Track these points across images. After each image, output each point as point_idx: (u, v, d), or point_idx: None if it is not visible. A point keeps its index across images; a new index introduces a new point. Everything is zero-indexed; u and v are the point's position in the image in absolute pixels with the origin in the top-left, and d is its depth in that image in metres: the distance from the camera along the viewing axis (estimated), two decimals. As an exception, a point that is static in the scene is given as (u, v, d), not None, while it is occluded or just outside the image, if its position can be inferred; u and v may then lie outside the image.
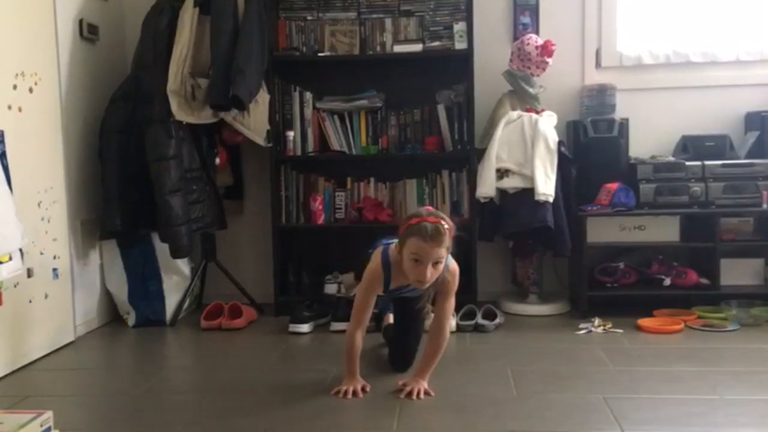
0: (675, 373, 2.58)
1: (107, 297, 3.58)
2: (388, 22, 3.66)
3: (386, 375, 2.60)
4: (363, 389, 2.43)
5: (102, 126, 3.41)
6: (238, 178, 3.88)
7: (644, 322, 3.21)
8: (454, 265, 2.44)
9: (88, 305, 3.43)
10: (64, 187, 3.17)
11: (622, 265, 3.55)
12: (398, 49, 3.61)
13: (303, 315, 3.29)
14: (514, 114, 3.48)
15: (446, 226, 2.29)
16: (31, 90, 2.93)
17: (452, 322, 3.22)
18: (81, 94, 3.39)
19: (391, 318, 3.08)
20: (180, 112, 3.26)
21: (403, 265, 2.34)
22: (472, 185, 3.51)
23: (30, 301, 2.89)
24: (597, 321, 3.26)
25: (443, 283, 2.42)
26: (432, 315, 2.51)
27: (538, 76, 3.53)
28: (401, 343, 2.70)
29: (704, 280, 3.43)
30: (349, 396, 2.38)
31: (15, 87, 2.82)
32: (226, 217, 3.72)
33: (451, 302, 2.47)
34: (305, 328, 3.27)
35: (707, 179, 3.42)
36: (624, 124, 3.56)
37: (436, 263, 2.29)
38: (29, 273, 2.87)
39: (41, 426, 1.97)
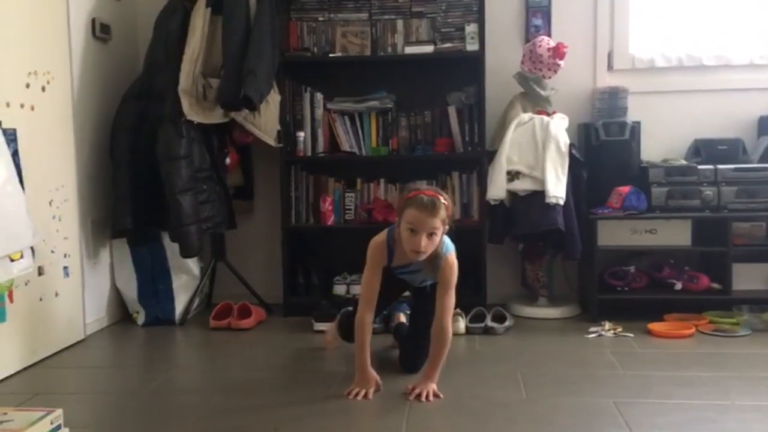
0: (686, 377, 2.56)
1: (117, 296, 3.59)
2: (400, 23, 3.65)
3: (396, 376, 2.60)
4: (377, 386, 2.44)
5: (113, 125, 3.43)
6: (248, 179, 3.88)
7: (655, 326, 3.19)
8: (452, 257, 2.49)
9: (98, 304, 3.44)
10: (75, 186, 3.19)
11: (632, 268, 3.53)
12: (409, 50, 3.61)
13: (329, 313, 3.30)
14: (526, 116, 3.47)
15: (443, 201, 2.36)
16: (43, 89, 2.94)
17: (461, 324, 3.22)
18: (93, 94, 3.41)
19: (402, 317, 3.08)
20: (191, 112, 3.27)
21: (401, 239, 2.40)
22: (483, 187, 3.50)
23: (40, 299, 2.91)
24: (607, 325, 3.24)
25: (440, 270, 2.46)
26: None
27: (549, 78, 3.52)
28: (413, 345, 2.69)
29: (716, 285, 3.40)
30: (360, 398, 2.38)
31: (28, 86, 2.84)
32: (235, 217, 3.72)
33: (451, 297, 2.48)
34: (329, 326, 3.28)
35: (719, 183, 3.40)
36: (636, 127, 3.54)
37: (431, 234, 2.35)
38: (40, 271, 2.88)
39: (51, 423, 1.97)
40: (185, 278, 3.62)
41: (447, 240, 2.49)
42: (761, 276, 3.44)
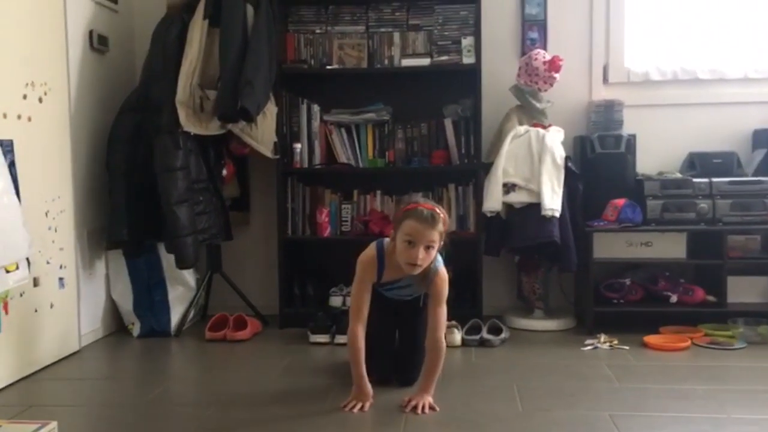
0: (682, 390, 2.56)
1: (112, 307, 3.58)
2: (397, 36, 3.67)
3: (391, 389, 2.59)
4: (372, 398, 2.43)
5: (110, 136, 3.43)
6: (244, 190, 3.89)
7: (650, 339, 3.20)
8: (444, 271, 2.49)
9: (94, 315, 3.43)
10: (71, 197, 3.19)
11: (628, 281, 3.53)
12: (406, 63, 3.63)
13: (325, 325, 3.30)
14: (521, 129, 3.48)
15: (441, 215, 2.37)
16: (40, 100, 2.95)
17: (457, 336, 3.22)
18: (90, 105, 3.41)
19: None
20: (188, 124, 3.28)
21: (396, 251, 2.39)
22: (479, 199, 3.51)
23: (36, 311, 2.90)
24: (603, 337, 3.25)
25: (432, 284, 2.45)
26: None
27: (545, 91, 3.54)
28: (406, 359, 2.68)
29: (711, 298, 3.41)
30: (356, 411, 2.37)
31: (25, 96, 2.84)
32: (232, 228, 3.72)
33: (444, 310, 2.46)
34: (325, 338, 3.29)
35: (714, 196, 3.42)
36: (631, 140, 3.56)
37: (428, 248, 2.34)
38: (35, 282, 2.87)
39: (45, 436, 1.97)
40: (181, 289, 3.61)
41: (439, 257, 2.48)
42: (756, 289, 3.46)
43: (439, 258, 2.49)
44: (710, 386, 2.60)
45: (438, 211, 2.38)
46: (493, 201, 3.40)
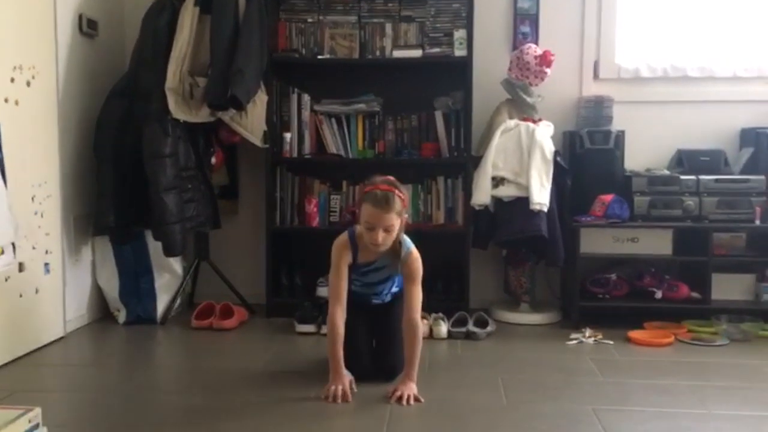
0: (664, 385, 2.59)
1: (98, 293, 3.57)
2: (389, 26, 3.66)
3: (375, 380, 2.59)
4: (351, 385, 2.44)
5: (98, 122, 3.40)
6: (233, 178, 3.88)
7: (635, 334, 3.22)
8: (416, 251, 2.54)
9: (79, 301, 3.41)
10: (58, 182, 3.16)
11: (614, 276, 3.55)
12: (398, 54, 3.62)
13: (311, 315, 3.30)
14: (512, 123, 3.49)
15: (397, 194, 2.44)
16: (28, 83, 2.92)
17: (443, 329, 3.23)
18: (78, 89, 3.38)
19: None
20: (177, 111, 3.26)
21: (362, 232, 2.48)
22: (468, 192, 3.52)
23: (21, 296, 2.88)
24: (588, 332, 3.27)
25: (405, 265, 2.51)
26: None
27: (536, 85, 3.54)
28: (383, 344, 2.68)
29: (695, 294, 3.44)
30: (338, 397, 2.38)
31: (12, 80, 2.81)
32: (220, 216, 3.71)
33: (419, 290, 2.51)
34: (312, 328, 3.29)
35: (701, 194, 3.44)
36: (620, 136, 3.58)
37: (387, 229, 2.42)
38: (21, 267, 2.85)
39: (29, 422, 1.95)
40: (168, 277, 3.60)
41: (407, 238, 2.54)
42: (740, 286, 3.48)
43: (408, 239, 2.54)
44: (692, 382, 2.63)
45: (394, 190, 2.43)
46: (482, 194, 3.41)
